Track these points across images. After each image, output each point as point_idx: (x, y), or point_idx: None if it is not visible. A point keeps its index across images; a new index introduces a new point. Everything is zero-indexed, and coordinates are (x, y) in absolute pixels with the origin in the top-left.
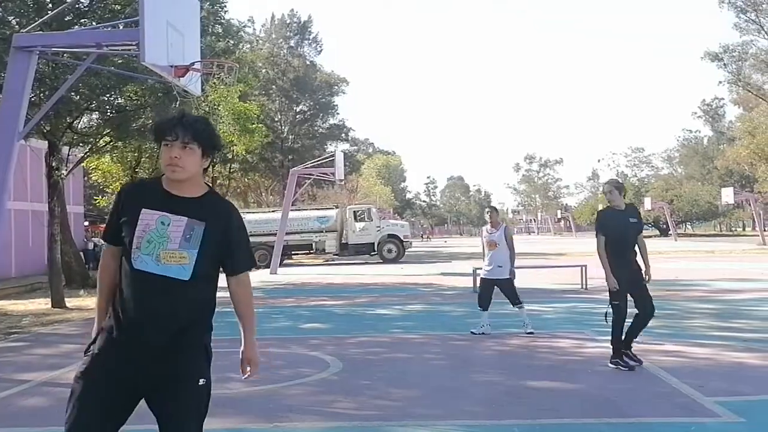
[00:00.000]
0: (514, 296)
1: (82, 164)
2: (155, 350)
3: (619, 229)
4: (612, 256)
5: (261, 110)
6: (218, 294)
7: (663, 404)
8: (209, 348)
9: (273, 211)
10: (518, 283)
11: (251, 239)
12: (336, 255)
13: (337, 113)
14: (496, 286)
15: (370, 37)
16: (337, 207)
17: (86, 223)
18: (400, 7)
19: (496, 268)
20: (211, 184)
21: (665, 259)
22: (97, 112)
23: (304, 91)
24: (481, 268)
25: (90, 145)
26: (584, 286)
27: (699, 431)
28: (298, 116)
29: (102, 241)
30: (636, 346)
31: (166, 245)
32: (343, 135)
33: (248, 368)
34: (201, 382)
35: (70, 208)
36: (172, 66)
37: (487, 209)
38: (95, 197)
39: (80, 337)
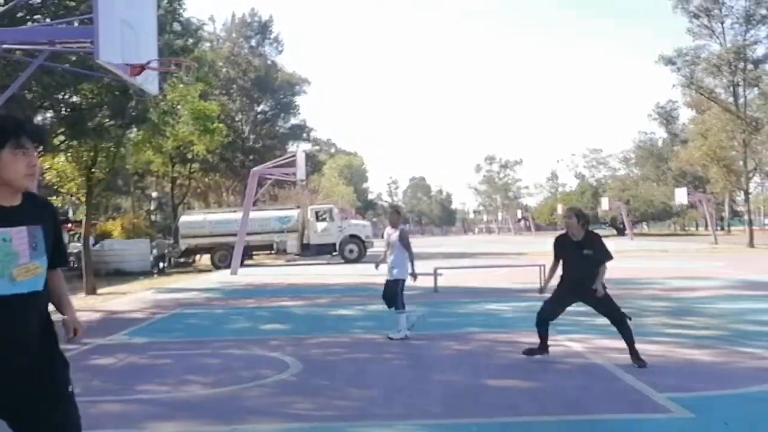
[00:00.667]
0: (394, 299)
1: None
2: (23, 371)
3: (569, 260)
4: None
5: (221, 110)
6: (177, 296)
7: (618, 401)
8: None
9: (234, 212)
10: (479, 282)
11: (212, 239)
12: (297, 255)
13: (299, 113)
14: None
15: (331, 37)
16: (298, 207)
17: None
18: (361, 8)
19: (391, 270)
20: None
21: (622, 258)
22: (50, 111)
23: (265, 90)
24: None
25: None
26: (543, 286)
27: (652, 427)
28: (259, 116)
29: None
30: (592, 344)
31: (17, 261)
32: (304, 135)
33: (74, 329)
34: (71, 389)
35: None
36: (127, 64)
37: (390, 210)
38: (50, 197)
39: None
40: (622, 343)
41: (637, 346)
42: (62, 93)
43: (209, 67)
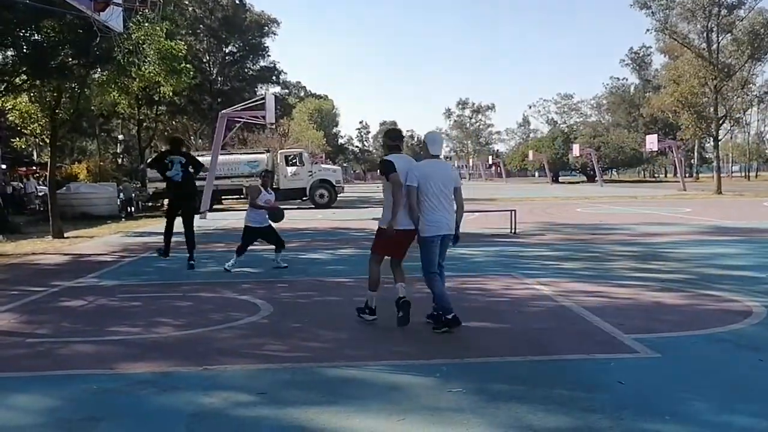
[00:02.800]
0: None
1: None
2: None
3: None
4: None
5: (189, 50)
6: (146, 239)
7: (585, 342)
8: None
9: (202, 155)
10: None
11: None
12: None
13: (268, 55)
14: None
15: None
16: (268, 151)
17: (3, 166)
18: None
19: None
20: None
21: (591, 204)
22: (11, 49)
23: (233, 31)
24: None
25: (5, 84)
26: (513, 231)
27: (618, 367)
28: (227, 57)
29: (27, 183)
30: (560, 287)
31: None
32: (274, 78)
33: None
34: None
35: None
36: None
37: (263, 173)
38: (12, 139)
39: (0, 283)
40: (589, 286)
41: (606, 288)
42: (23, 30)
43: (174, 5)
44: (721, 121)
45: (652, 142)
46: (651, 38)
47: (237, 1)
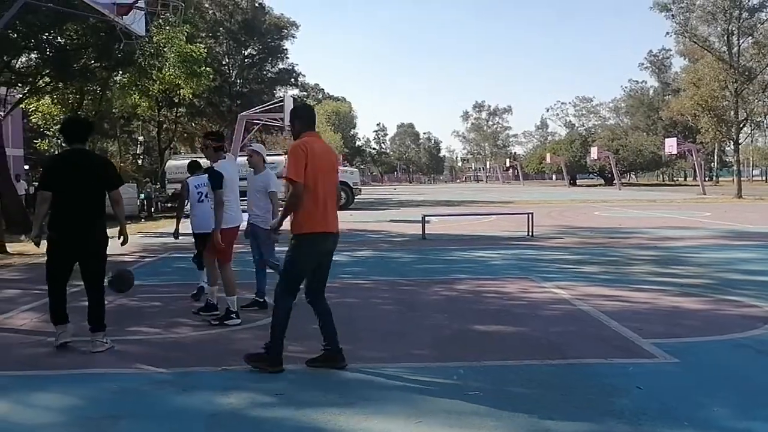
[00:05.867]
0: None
1: (21, 105)
2: None
3: None
4: None
5: (208, 53)
6: (165, 240)
7: (603, 346)
8: None
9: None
10: (466, 230)
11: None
12: (284, 201)
13: (287, 57)
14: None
15: None
16: (286, 153)
17: (27, 167)
18: None
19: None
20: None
21: (609, 207)
22: (36, 52)
23: (253, 34)
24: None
25: (29, 86)
26: (530, 234)
27: (637, 372)
28: (246, 60)
29: None
30: (578, 290)
31: None
32: (292, 80)
33: None
34: None
35: (9, 151)
36: (114, 3)
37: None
38: (35, 140)
39: (23, 282)
40: (608, 290)
41: (625, 292)
42: (47, 33)
43: (195, 8)
44: (741, 125)
45: (671, 145)
46: (671, 41)
47: (256, 5)
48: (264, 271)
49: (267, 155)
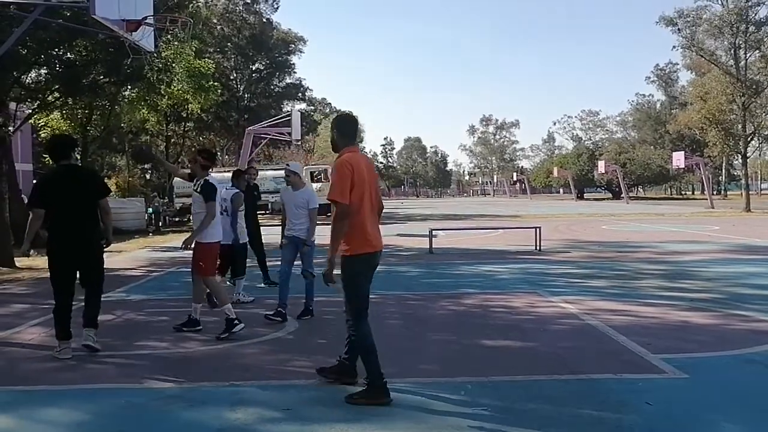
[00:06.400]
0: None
1: (31, 121)
2: None
3: None
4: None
5: (216, 68)
6: (172, 254)
7: (611, 361)
8: None
9: (228, 171)
10: (474, 244)
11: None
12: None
13: (294, 72)
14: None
15: None
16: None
17: (35, 182)
18: None
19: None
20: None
21: (617, 221)
22: (45, 67)
23: (261, 49)
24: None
25: (38, 101)
26: (538, 248)
27: (646, 387)
28: (254, 75)
29: None
30: (586, 305)
31: None
32: (300, 94)
33: None
34: None
35: (18, 166)
36: (123, 20)
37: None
38: (45, 155)
39: (31, 296)
40: (616, 305)
41: (633, 307)
42: (57, 49)
43: (203, 24)
44: (749, 138)
45: (678, 159)
46: (677, 55)
47: (264, 20)
48: (288, 282)
49: (272, 169)
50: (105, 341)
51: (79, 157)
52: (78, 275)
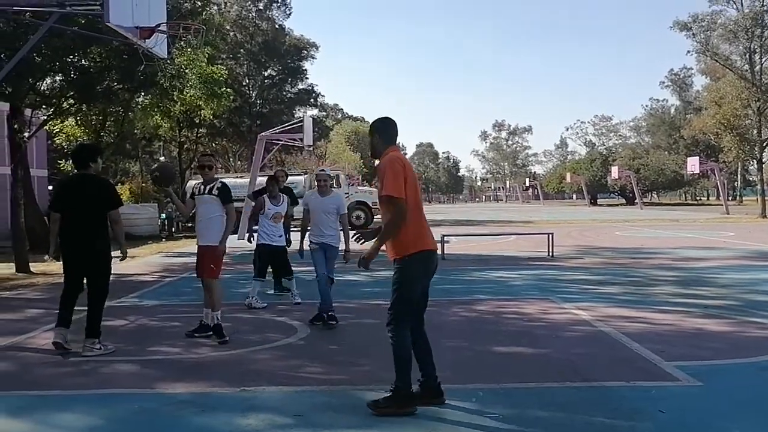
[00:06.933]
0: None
1: (46, 127)
2: None
3: None
4: None
5: (229, 74)
6: (185, 260)
7: (624, 368)
8: None
9: (241, 177)
10: (486, 250)
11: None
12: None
13: (307, 78)
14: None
15: (338, 2)
16: (305, 173)
17: (51, 188)
18: None
19: (278, 238)
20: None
21: (631, 227)
22: (60, 74)
23: (273, 55)
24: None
25: (53, 108)
26: (551, 254)
27: (659, 395)
28: (266, 81)
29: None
30: (599, 312)
31: None
32: (312, 100)
33: None
34: None
35: (33, 172)
36: (137, 27)
37: (272, 181)
38: (59, 161)
39: (46, 301)
40: (629, 312)
41: (647, 314)
42: (71, 56)
43: (216, 30)
44: (765, 144)
45: (693, 164)
46: (692, 59)
47: (277, 26)
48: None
49: (288, 174)
50: (118, 346)
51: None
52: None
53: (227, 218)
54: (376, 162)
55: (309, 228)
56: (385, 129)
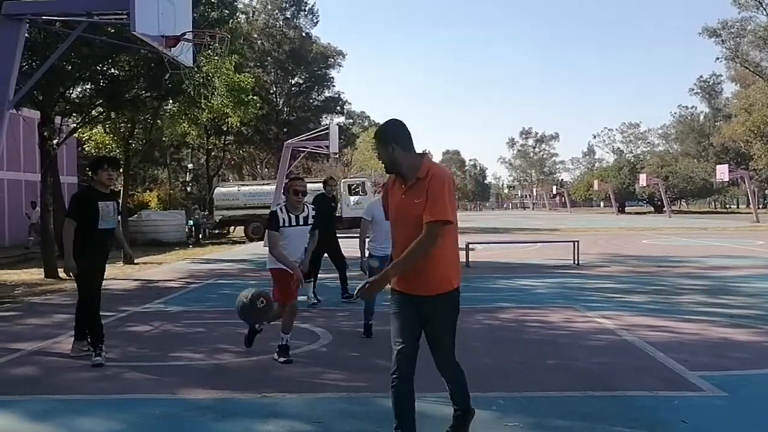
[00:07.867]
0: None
1: (75, 134)
2: None
3: None
4: None
5: (256, 82)
6: (211, 266)
7: (647, 378)
8: None
9: (267, 184)
10: (511, 258)
11: (246, 211)
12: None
13: (333, 86)
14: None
15: (366, 9)
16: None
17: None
18: None
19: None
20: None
21: (658, 236)
22: (89, 82)
23: (300, 63)
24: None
25: (83, 115)
26: (576, 262)
27: (682, 405)
28: (293, 88)
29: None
30: (623, 321)
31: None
32: (338, 108)
33: None
34: None
35: (63, 179)
36: (163, 36)
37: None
38: (88, 168)
39: (72, 307)
40: (654, 321)
41: (672, 323)
42: (100, 65)
43: (244, 39)
44: None
45: (722, 172)
46: (721, 66)
47: (304, 34)
48: None
49: (310, 182)
50: (142, 352)
51: (121, 170)
52: None
53: (311, 240)
54: (389, 176)
55: (369, 238)
56: (401, 135)
